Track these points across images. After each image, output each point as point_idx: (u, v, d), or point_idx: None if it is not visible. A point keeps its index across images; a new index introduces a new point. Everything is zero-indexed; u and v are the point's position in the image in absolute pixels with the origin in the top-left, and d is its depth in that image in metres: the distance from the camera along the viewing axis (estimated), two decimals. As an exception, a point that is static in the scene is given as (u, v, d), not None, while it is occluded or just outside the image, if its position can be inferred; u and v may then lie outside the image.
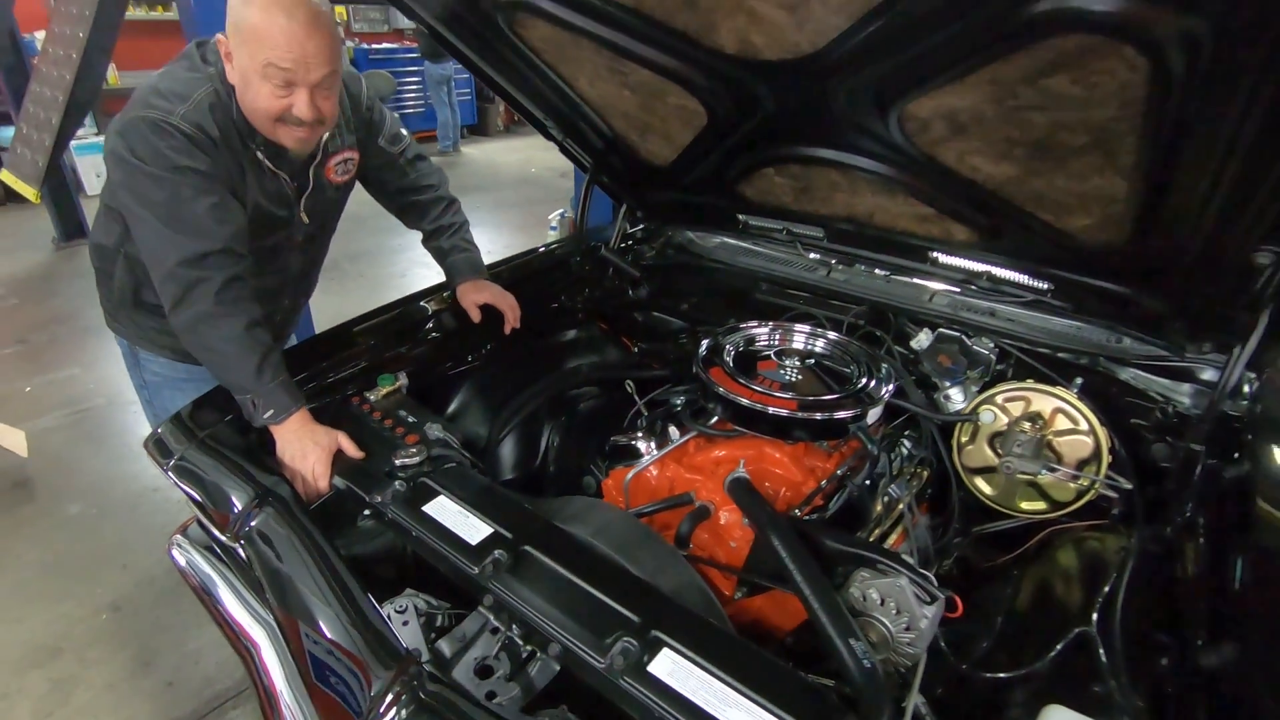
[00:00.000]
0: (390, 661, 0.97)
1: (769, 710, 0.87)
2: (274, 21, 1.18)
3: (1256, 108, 0.76)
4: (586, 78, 1.42)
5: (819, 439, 1.48)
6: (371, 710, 0.93)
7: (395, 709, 0.91)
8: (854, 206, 1.50)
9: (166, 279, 1.30)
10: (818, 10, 0.92)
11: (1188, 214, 0.99)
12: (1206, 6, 0.68)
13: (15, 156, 2.96)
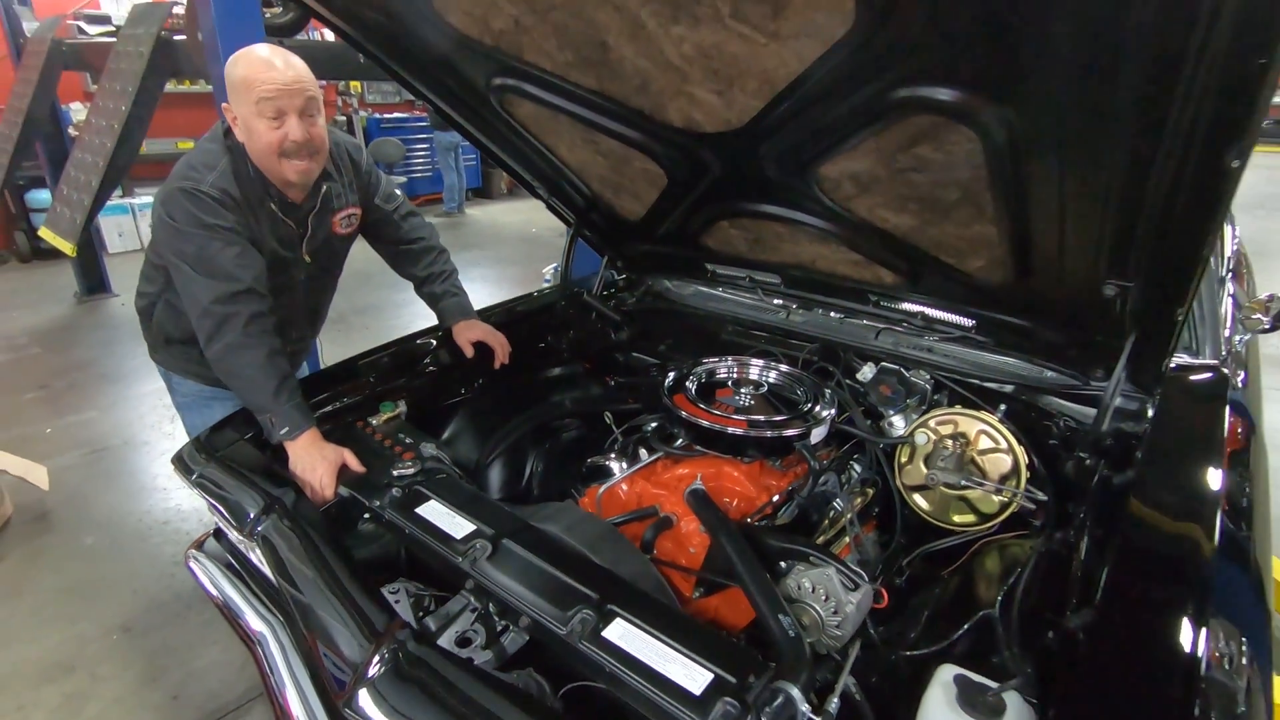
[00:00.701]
0: (379, 628, 1.13)
1: (702, 664, 1.03)
2: (254, 67, 1.45)
3: (1070, 169, 0.98)
4: (565, 146, 1.67)
5: (770, 456, 1.67)
6: (362, 668, 1.09)
7: (381, 664, 1.07)
8: (799, 254, 1.73)
9: (202, 316, 1.52)
10: (739, 96, 1.16)
11: (1048, 254, 1.21)
12: (1008, 98, 0.90)
13: (55, 215, 3.24)
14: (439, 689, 1.04)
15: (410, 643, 1.10)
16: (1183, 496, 1.20)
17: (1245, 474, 1.40)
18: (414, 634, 1.11)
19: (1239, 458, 1.44)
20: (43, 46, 4.19)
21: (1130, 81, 0.79)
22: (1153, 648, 0.93)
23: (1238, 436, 1.53)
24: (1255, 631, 1.06)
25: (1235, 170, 0.82)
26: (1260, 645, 1.04)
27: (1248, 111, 0.74)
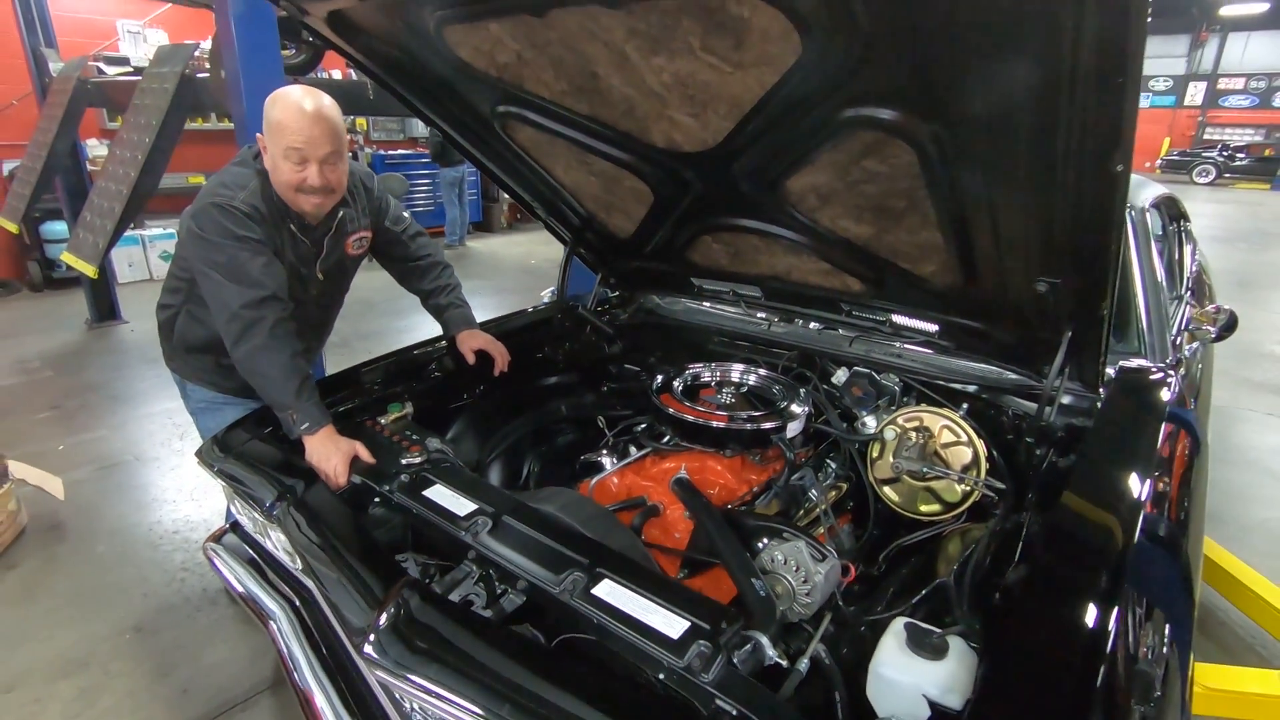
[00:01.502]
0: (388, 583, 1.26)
1: (680, 615, 1.15)
2: (289, 116, 1.59)
3: (992, 178, 1.15)
4: (562, 167, 1.84)
5: (748, 448, 1.81)
6: (372, 620, 1.21)
7: (390, 617, 1.19)
8: (775, 266, 1.89)
9: (231, 320, 1.66)
10: (712, 118, 1.33)
11: (988, 257, 1.36)
12: (934, 117, 1.07)
13: (77, 240, 3.41)
14: (444, 637, 1.16)
15: (416, 597, 1.22)
16: (1111, 484, 1.34)
17: (1187, 486, 1.53)
18: (420, 589, 1.24)
19: (1184, 475, 1.58)
20: (68, 85, 4.42)
21: (1025, 103, 0.96)
22: (1066, 610, 1.05)
23: (1184, 452, 1.67)
24: (1180, 620, 1.18)
25: (1120, 174, 0.98)
26: (1183, 632, 1.17)
27: (1117, 124, 0.89)
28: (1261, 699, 2.00)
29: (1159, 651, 1.07)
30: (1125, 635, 1.03)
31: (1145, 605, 1.16)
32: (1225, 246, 10.57)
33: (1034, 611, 1.08)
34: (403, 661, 1.14)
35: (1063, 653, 1.00)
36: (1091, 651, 0.96)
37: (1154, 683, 1.00)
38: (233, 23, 2.78)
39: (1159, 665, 1.04)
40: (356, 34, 1.58)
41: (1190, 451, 1.69)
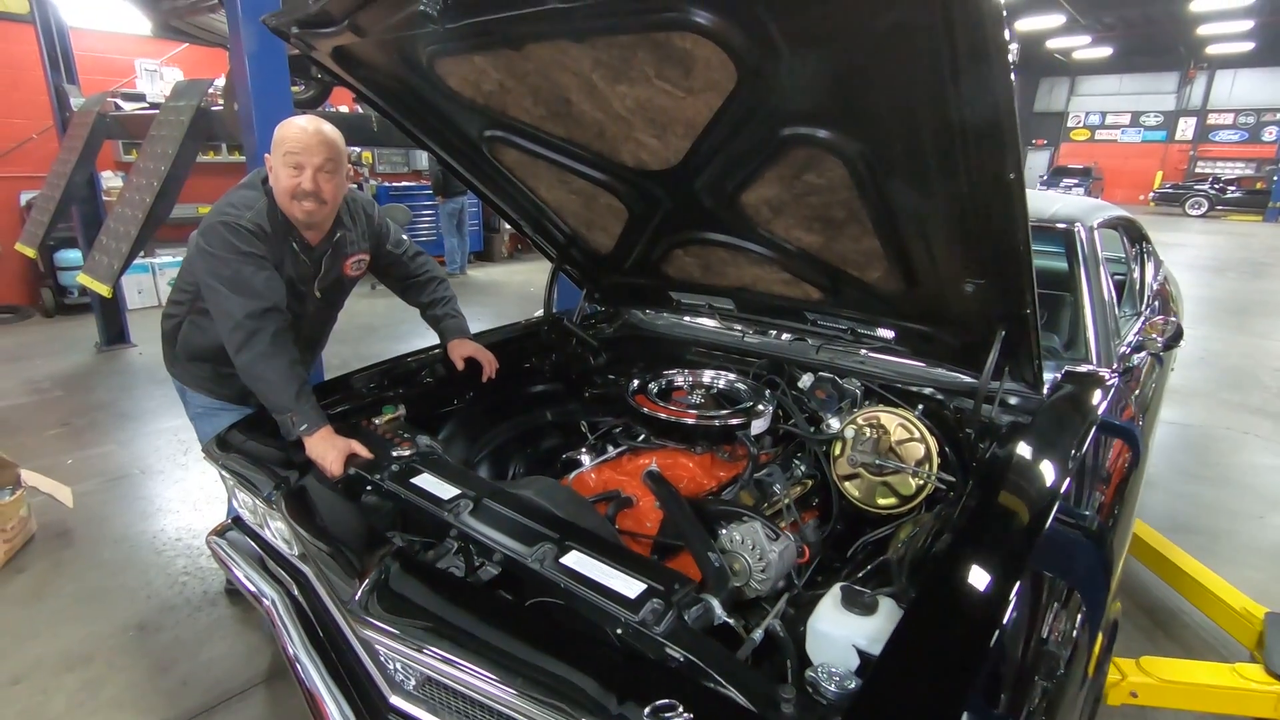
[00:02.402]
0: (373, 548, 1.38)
1: (638, 579, 1.27)
2: (291, 130, 1.80)
3: (912, 188, 1.30)
4: (545, 187, 2.01)
5: (716, 445, 1.94)
6: (358, 583, 1.33)
7: (376, 577, 1.31)
8: (742, 277, 2.04)
9: (235, 329, 1.81)
10: (672, 139, 1.49)
11: (922, 262, 1.51)
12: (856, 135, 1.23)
13: (93, 263, 3.58)
14: (422, 595, 1.28)
15: (398, 563, 1.34)
16: (1032, 474, 1.48)
17: (1115, 482, 1.66)
18: (402, 556, 1.36)
19: (1112, 471, 1.70)
20: (88, 119, 4.65)
21: (925, 120, 1.11)
22: (970, 578, 1.18)
23: (1117, 451, 1.80)
24: (1094, 605, 1.30)
25: (1014, 180, 1.13)
26: (1096, 614, 1.28)
27: (1000, 135, 1.05)
28: (1212, 690, 2.08)
29: (1069, 634, 1.18)
30: (1032, 613, 1.14)
31: (1065, 591, 1.28)
32: (1215, 275, 10.76)
33: (944, 578, 1.20)
34: (384, 617, 1.26)
35: (964, 613, 1.12)
36: (988, 616, 1.08)
37: (1059, 661, 1.11)
38: (246, 60, 2.99)
39: (1068, 646, 1.15)
40: (358, 67, 1.76)
41: (1123, 450, 1.82)
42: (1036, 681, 1.06)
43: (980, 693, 1.00)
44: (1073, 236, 2.37)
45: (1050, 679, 1.08)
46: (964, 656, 1.03)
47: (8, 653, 2.34)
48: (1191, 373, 5.61)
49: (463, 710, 1.32)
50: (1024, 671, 1.06)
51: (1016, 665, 1.06)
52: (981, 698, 0.99)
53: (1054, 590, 1.26)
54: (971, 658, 1.03)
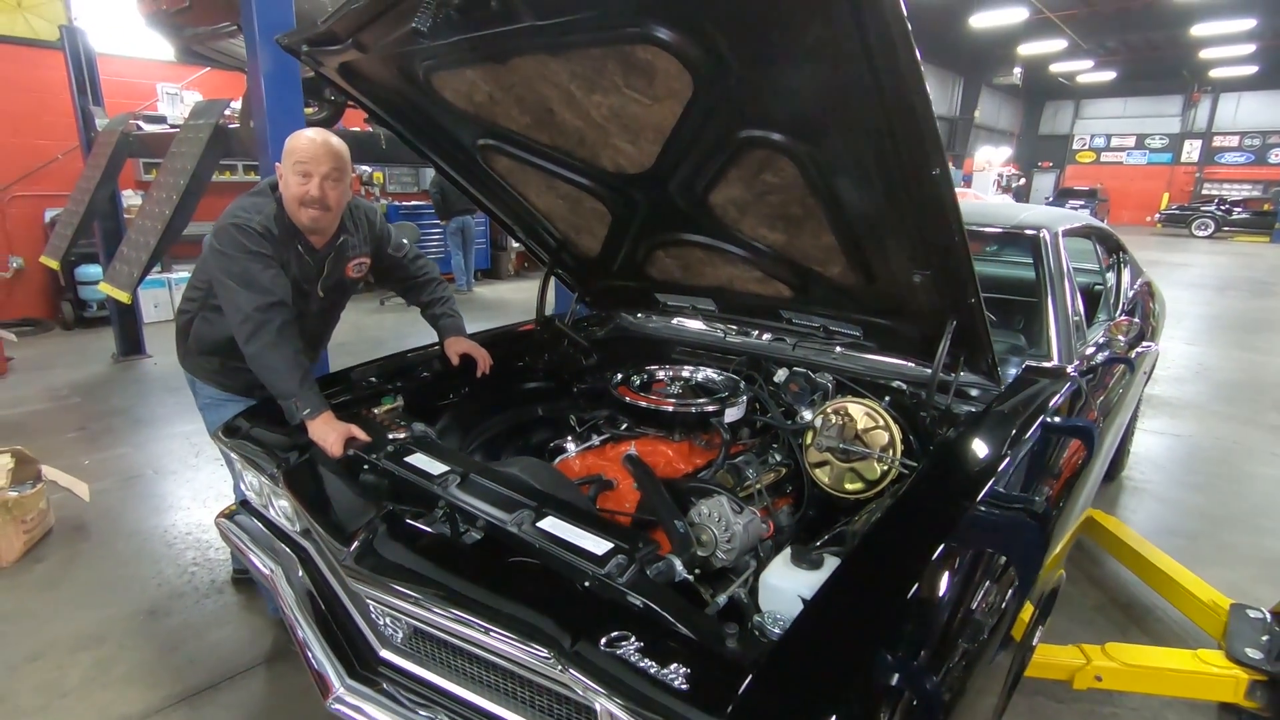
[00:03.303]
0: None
1: (606, 539, 1.38)
2: (300, 141, 1.97)
3: (856, 186, 1.44)
4: (534, 192, 2.16)
5: (692, 432, 2.06)
6: (350, 541, 1.46)
7: (364, 535, 1.44)
8: (719, 277, 2.17)
9: (244, 321, 1.95)
10: (645, 145, 1.64)
11: (875, 256, 1.64)
12: (802, 137, 1.37)
13: (114, 271, 3.77)
14: (410, 551, 1.41)
15: (387, 524, 1.47)
16: (972, 454, 1.59)
17: (1060, 469, 1.76)
18: (391, 518, 1.49)
19: (1061, 460, 1.80)
20: (112, 138, 4.88)
21: (857, 123, 1.25)
22: (898, 542, 1.30)
23: (1073, 453, 1.90)
24: (1027, 577, 1.39)
25: (939, 176, 1.27)
26: (1027, 586, 1.38)
27: (920, 139, 1.19)
28: (1175, 674, 2.16)
29: (998, 605, 1.27)
30: (964, 582, 1.25)
31: (1000, 565, 1.37)
32: (1217, 294, 10.80)
33: (874, 539, 1.32)
34: (372, 569, 1.39)
35: (887, 567, 1.24)
36: (907, 570, 1.20)
37: (983, 629, 1.21)
38: (262, 80, 3.18)
39: (994, 615, 1.24)
40: (363, 82, 1.92)
41: (1075, 442, 1.92)
42: (959, 643, 1.15)
43: (900, 638, 1.10)
44: (1039, 242, 2.49)
45: (973, 641, 1.17)
46: (883, 599, 1.15)
47: (27, 633, 2.47)
48: (1185, 387, 5.68)
49: (445, 660, 1.44)
50: (948, 633, 1.16)
51: (941, 627, 1.16)
52: (902, 646, 1.09)
53: (988, 563, 1.35)
54: (890, 601, 1.14)
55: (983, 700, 1.25)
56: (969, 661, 1.15)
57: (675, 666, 1.07)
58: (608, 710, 1.11)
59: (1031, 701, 2.25)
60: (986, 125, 27.35)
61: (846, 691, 1.01)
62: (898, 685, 1.04)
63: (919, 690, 1.05)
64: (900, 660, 1.07)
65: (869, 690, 1.02)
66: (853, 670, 1.05)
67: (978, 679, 1.16)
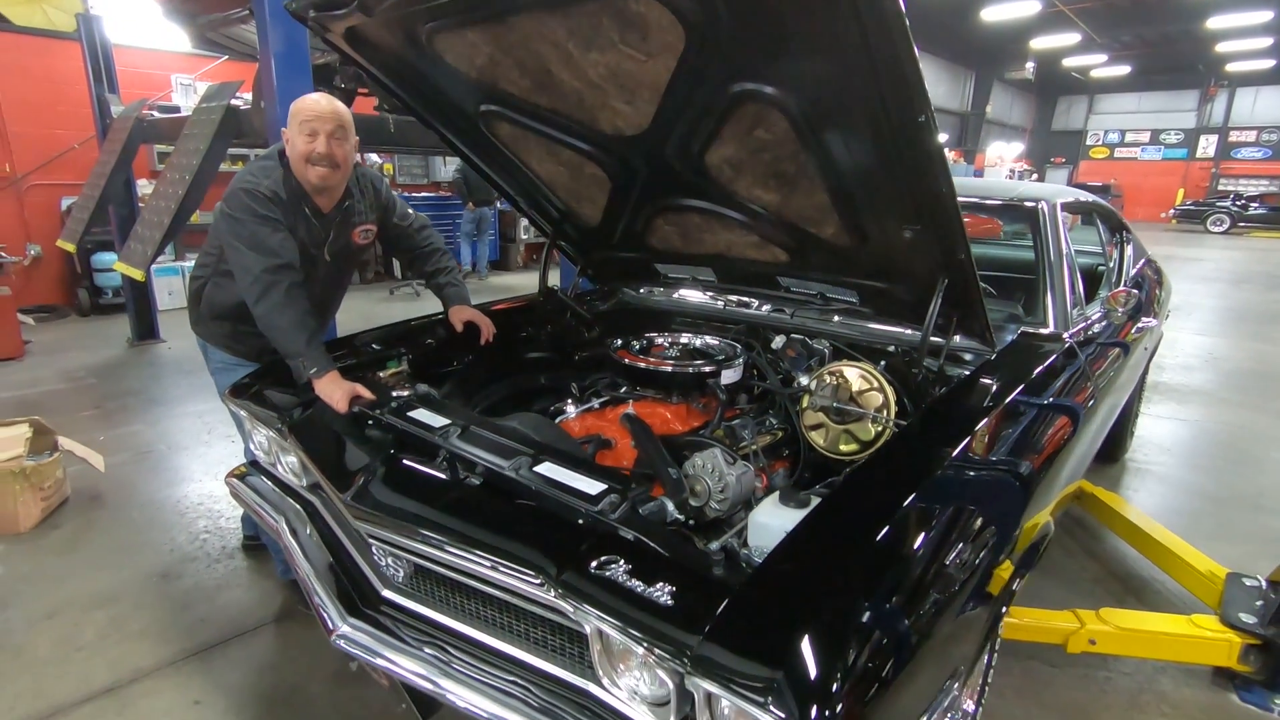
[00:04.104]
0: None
1: (601, 481, 1.42)
2: (306, 103, 2.03)
3: (845, 138, 1.47)
4: (535, 159, 2.20)
5: (689, 394, 2.10)
6: (353, 480, 1.51)
7: (365, 474, 1.49)
8: (717, 243, 2.21)
9: (254, 282, 2.01)
10: (641, 104, 1.67)
11: (866, 213, 1.67)
12: (792, 89, 1.40)
13: (128, 251, 3.85)
14: (410, 488, 1.46)
15: (387, 465, 1.52)
16: (954, 412, 1.62)
17: (1059, 449, 1.78)
18: (391, 459, 1.54)
19: (1056, 444, 1.81)
20: (127, 124, 4.97)
21: (844, 70, 1.28)
22: (871, 488, 1.33)
23: (1062, 423, 1.91)
24: (1004, 535, 1.40)
25: (925, 123, 1.30)
26: (1004, 543, 1.40)
27: (905, 86, 1.22)
28: (1168, 637, 2.18)
29: (972, 560, 1.28)
30: (942, 534, 1.26)
31: (978, 521, 1.38)
32: (1231, 287, 10.72)
33: (856, 484, 1.36)
34: (374, 505, 1.44)
35: (865, 512, 1.27)
36: (883, 513, 1.23)
37: (956, 579, 1.22)
38: (273, 60, 3.24)
39: (966, 570, 1.25)
40: (368, 48, 1.97)
41: (1063, 405, 1.93)
42: (931, 590, 1.16)
43: (873, 576, 1.13)
44: (1037, 213, 2.51)
45: (945, 590, 1.18)
46: (859, 537, 1.19)
47: (44, 593, 2.54)
48: (1193, 375, 5.66)
49: (444, 597, 1.49)
50: (922, 578, 1.17)
51: (914, 571, 1.17)
52: (874, 584, 1.11)
53: (964, 515, 1.35)
54: (864, 539, 1.18)
55: (954, 648, 1.26)
56: (940, 608, 1.16)
57: (661, 586, 1.11)
58: (596, 630, 1.15)
59: (1026, 665, 2.27)
60: (998, 120, 27.17)
61: (818, 617, 1.05)
62: (868, 622, 1.05)
63: (887, 627, 1.06)
64: (871, 597, 1.09)
65: (839, 618, 1.05)
66: (825, 597, 1.08)
67: (947, 625, 1.17)
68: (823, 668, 0.96)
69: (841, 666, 0.97)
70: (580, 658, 1.29)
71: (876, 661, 1.01)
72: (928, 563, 1.20)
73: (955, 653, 1.28)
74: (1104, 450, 3.70)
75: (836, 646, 1.00)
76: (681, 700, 1.11)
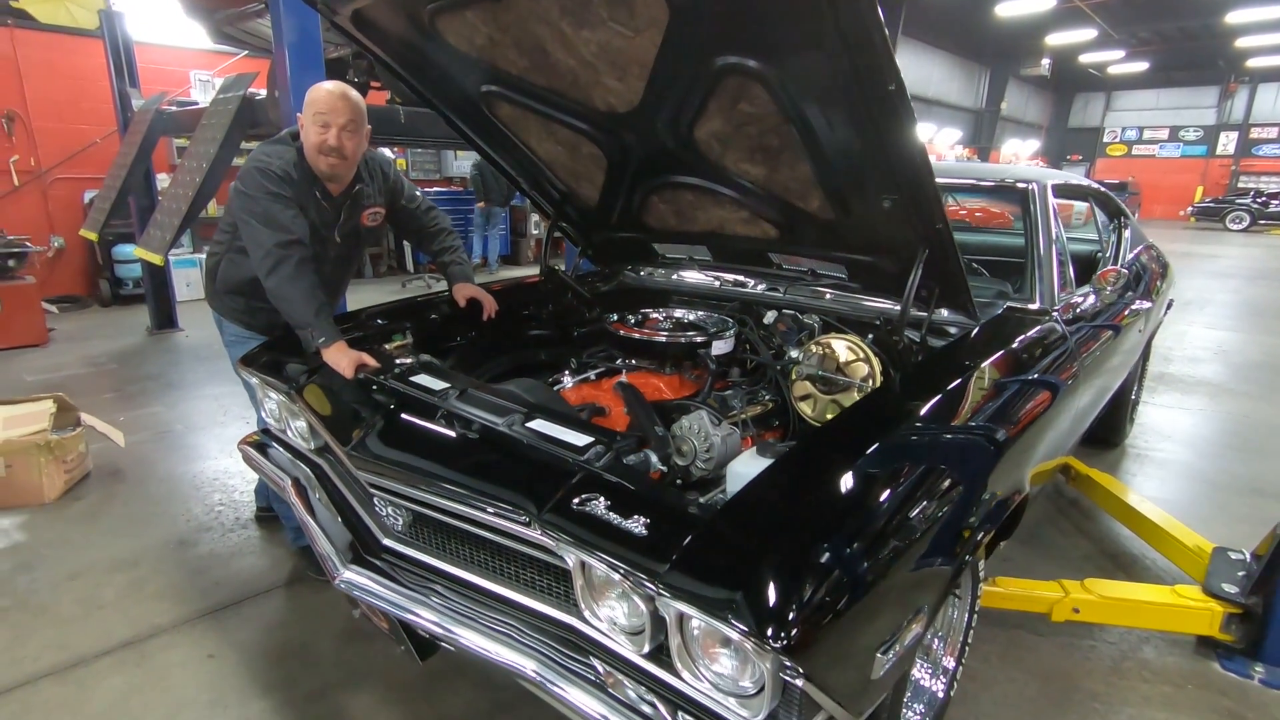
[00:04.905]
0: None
1: (589, 434, 1.50)
2: (320, 93, 2.12)
3: (823, 109, 1.54)
4: (535, 139, 2.29)
5: (681, 365, 2.17)
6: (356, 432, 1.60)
7: (365, 427, 1.58)
8: (710, 220, 2.28)
9: (265, 256, 2.10)
10: (631, 81, 1.75)
11: (846, 182, 1.74)
12: (774, 62, 1.47)
13: (148, 237, 3.98)
14: (408, 439, 1.55)
15: (387, 419, 1.61)
16: (926, 378, 1.68)
17: (1036, 417, 1.82)
18: (389, 414, 1.63)
19: (1030, 424, 1.84)
20: (147, 116, 5.12)
21: (816, 41, 1.35)
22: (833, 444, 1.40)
23: (1041, 393, 1.95)
24: (970, 494, 1.45)
25: (894, 91, 1.36)
26: (970, 502, 1.44)
27: (875, 53, 1.28)
28: (1151, 606, 2.23)
29: (936, 514, 1.32)
30: (909, 491, 1.31)
31: (947, 481, 1.41)
32: (1247, 283, 10.62)
33: (826, 436, 1.43)
34: (374, 455, 1.53)
35: (831, 460, 1.34)
36: (848, 462, 1.30)
37: (915, 531, 1.26)
38: (286, 51, 3.35)
39: (926, 524, 1.29)
40: (374, 30, 2.06)
41: (1042, 378, 1.98)
42: (891, 531, 1.22)
43: (835, 519, 1.19)
44: (1027, 194, 2.56)
45: (905, 540, 1.23)
46: (824, 482, 1.26)
47: (66, 558, 2.66)
48: (1201, 367, 5.65)
49: (440, 544, 1.57)
50: (882, 520, 1.22)
51: (876, 517, 1.22)
52: (835, 526, 1.17)
53: (931, 472, 1.40)
54: (829, 483, 1.26)
55: (916, 591, 1.30)
56: (896, 556, 1.20)
57: (636, 519, 1.19)
58: (578, 562, 1.23)
59: (1012, 634, 2.32)
60: (1014, 118, 26.98)
61: (779, 545, 1.12)
62: (825, 554, 1.10)
63: (844, 560, 1.11)
64: (831, 533, 1.15)
65: (799, 547, 1.12)
66: (787, 530, 1.16)
67: (906, 567, 1.23)
68: (781, 588, 1.03)
69: (798, 589, 1.04)
70: (566, 596, 1.37)
71: (832, 590, 1.07)
72: (890, 504, 1.26)
73: (917, 594, 1.32)
74: (1102, 435, 3.75)
75: (795, 570, 1.07)
76: (656, 628, 1.18)
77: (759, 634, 0.98)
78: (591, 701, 1.23)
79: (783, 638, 0.98)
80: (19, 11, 6.80)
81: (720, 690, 1.13)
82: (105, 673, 2.08)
